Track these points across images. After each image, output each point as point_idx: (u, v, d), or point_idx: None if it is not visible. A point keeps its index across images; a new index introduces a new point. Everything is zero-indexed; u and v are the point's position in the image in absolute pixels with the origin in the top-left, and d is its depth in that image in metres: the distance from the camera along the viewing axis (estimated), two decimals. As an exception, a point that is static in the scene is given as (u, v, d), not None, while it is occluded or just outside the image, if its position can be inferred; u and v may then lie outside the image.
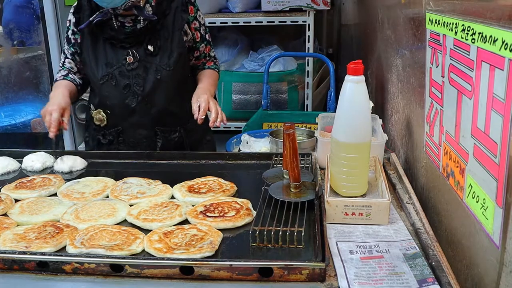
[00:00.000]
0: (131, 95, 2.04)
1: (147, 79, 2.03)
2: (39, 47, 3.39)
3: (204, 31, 2.18)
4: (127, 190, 1.59)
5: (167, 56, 2.04)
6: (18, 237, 1.32)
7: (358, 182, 1.47)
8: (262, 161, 1.81)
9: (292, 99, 3.17)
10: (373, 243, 1.27)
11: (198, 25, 2.14)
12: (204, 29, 2.18)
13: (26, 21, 3.60)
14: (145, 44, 2.03)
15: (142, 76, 2.03)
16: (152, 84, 2.03)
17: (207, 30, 2.20)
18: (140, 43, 2.02)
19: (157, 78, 2.03)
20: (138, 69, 2.03)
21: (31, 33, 3.45)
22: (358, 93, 1.39)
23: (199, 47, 2.17)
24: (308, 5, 2.95)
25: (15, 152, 1.98)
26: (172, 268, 1.13)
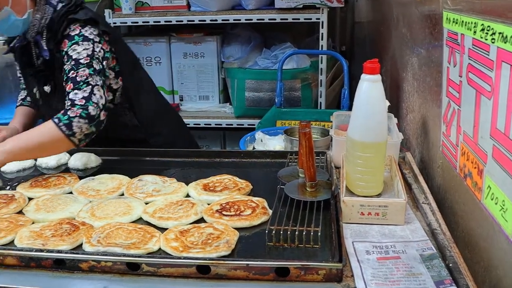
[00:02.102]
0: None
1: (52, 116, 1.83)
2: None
3: (71, 66, 1.81)
4: (142, 188, 1.60)
5: (61, 97, 1.85)
6: (34, 235, 1.33)
7: (374, 182, 1.46)
8: (277, 160, 1.80)
9: (305, 97, 3.16)
10: (390, 244, 1.26)
11: (66, 59, 1.84)
12: (74, 64, 1.81)
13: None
14: (42, 84, 1.97)
15: (48, 112, 1.94)
16: None
17: (78, 67, 1.80)
18: (39, 81, 1.98)
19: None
20: (44, 105, 2.03)
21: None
22: (375, 92, 1.38)
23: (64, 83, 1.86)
24: (321, 2, 2.94)
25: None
26: (188, 267, 1.13)
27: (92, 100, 1.75)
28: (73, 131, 1.70)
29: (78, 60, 1.81)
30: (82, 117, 1.71)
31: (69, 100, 1.76)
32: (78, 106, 1.73)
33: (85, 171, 1.84)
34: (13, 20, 1.82)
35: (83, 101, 1.74)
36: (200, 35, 3.34)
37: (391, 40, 2.42)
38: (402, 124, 2.08)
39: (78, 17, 1.87)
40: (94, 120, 1.74)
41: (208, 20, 3.16)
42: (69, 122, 1.70)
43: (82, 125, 1.71)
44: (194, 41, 3.35)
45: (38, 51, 1.95)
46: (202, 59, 3.36)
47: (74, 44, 1.84)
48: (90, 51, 1.83)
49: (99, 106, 1.77)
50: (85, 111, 1.72)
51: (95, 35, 1.88)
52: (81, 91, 1.76)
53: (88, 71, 1.80)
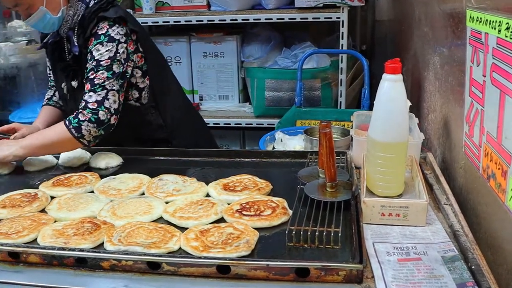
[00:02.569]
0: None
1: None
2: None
3: (92, 67, 1.87)
4: (162, 187, 1.61)
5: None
6: (57, 233, 1.34)
7: (395, 182, 1.45)
8: (297, 160, 1.80)
9: (325, 96, 3.15)
10: (411, 245, 1.25)
11: (89, 58, 1.90)
12: (95, 65, 1.87)
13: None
14: (70, 79, 2.02)
15: (73, 107, 2.02)
16: None
17: (97, 69, 1.86)
18: (67, 77, 2.03)
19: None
20: (71, 100, 2.07)
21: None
22: (396, 92, 1.37)
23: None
24: (342, 1, 2.92)
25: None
26: (209, 266, 1.14)
27: (104, 105, 1.82)
28: (82, 133, 1.81)
29: (99, 62, 1.86)
30: (91, 121, 1.81)
31: (83, 100, 1.84)
32: (89, 110, 1.82)
33: (106, 170, 1.86)
34: (48, 18, 1.89)
35: (95, 105, 1.82)
36: (220, 35, 3.35)
37: (412, 39, 2.40)
38: (423, 124, 2.05)
39: (107, 15, 1.91)
40: (103, 124, 1.82)
41: (228, 19, 3.16)
42: (78, 126, 1.80)
43: (91, 129, 1.82)
44: (214, 40, 3.36)
45: (69, 46, 2.00)
46: (222, 58, 3.37)
47: (98, 44, 1.88)
48: (112, 53, 1.87)
49: (111, 111, 1.84)
50: (94, 116, 1.81)
51: (121, 35, 1.91)
52: (95, 94, 1.83)
53: (107, 74, 1.85)
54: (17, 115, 3.69)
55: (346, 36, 2.99)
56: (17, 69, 3.69)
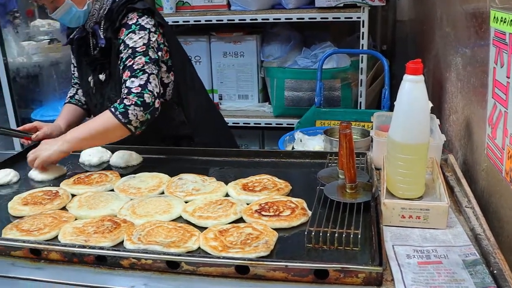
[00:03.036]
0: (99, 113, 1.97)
1: (104, 105, 2.05)
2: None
3: (128, 55, 1.87)
4: (182, 187, 1.61)
5: (114, 85, 1.99)
6: (77, 231, 1.36)
7: (415, 184, 1.43)
8: (317, 160, 1.80)
9: (345, 97, 3.13)
10: (431, 248, 1.24)
11: (123, 47, 1.90)
12: (130, 53, 1.87)
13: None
14: (97, 72, 2.04)
15: (100, 100, 2.08)
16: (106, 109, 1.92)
17: (134, 55, 1.87)
18: (95, 70, 2.05)
19: (109, 105, 1.91)
20: (97, 94, 2.09)
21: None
22: (417, 93, 1.36)
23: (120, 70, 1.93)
24: (362, 1, 2.90)
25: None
26: (227, 266, 1.14)
27: (148, 88, 1.82)
28: (129, 118, 1.78)
29: (135, 48, 1.87)
30: (137, 105, 1.78)
31: (125, 88, 1.83)
32: (133, 94, 1.80)
33: (126, 169, 1.88)
34: (74, 11, 1.92)
35: (139, 89, 1.81)
36: (240, 34, 3.35)
37: (434, 39, 2.38)
38: (445, 125, 2.03)
39: (136, 6, 1.93)
40: (149, 107, 1.80)
41: (248, 19, 3.16)
42: (125, 111, 1.77)
43: (137, 113, 1.79)
44: (234, 40, 3.36)
45: (95, 41, 2.02)
46: (241, 58, 3.37)
47: (131, 33, 1.90)
48: (146, 40, 1.89)
49: (154, 94, 1.83)
50: (140, 99, 1.79)
51: (151, 25, 1.93)
52: (137, 79, 1.83)
53: (144, 59, 1.86)
54: (39, 113, 3.75)
55: (367, 36, 2.97)
56: (39, 67, 3.74)
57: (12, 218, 1.52)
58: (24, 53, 3.72)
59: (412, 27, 3.28)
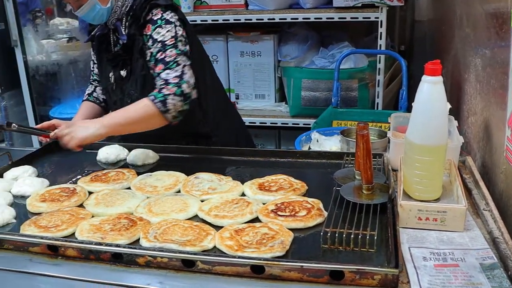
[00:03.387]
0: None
1: (124, 101, 2.06)
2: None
3: (158, 49, 1.90)
4: (198, 186, 1.62)
5: (135, 81, 2.01)
6: (94, 228, 1.37)
7: (433, 186, 1.42)
8: (333, 161, 1.79)
9: (362, 97, 3.11)
10: (448, 251, 1.23)
11: (151, 43, 1.92)
12: (160, 47, 1.90)
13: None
14: (119, 68, 2.05)
15: (119, 96, 2.09)
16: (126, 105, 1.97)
17: (165, 48, 1.89)
18: (116, 66, 2.06)
19: (128, 102, 1.99)
20: (117, 90, 2.09)
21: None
22: (436, 95, 1.35)
23: (150, 65, 1.94)
24: (381, 1, 2.88)
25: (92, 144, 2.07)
26: (243, 266, 1.14)
27: (184, 79, 1.84)
28: (167, 108, 1.80)
29: (164, 42, 1.90)
30: (177, 94, 1.81)
31: (161, 79, 1.85)
32: (172, 84, 1.82)
33: (143, 167, 1.89)
34: (98, 9, 1.94)
35: (176, 79, 1.83)
36: (257, 34, 3.35)
37: (453, 40, 2.36)
38: (463, 127, 2.01)
39: (159, 3, 1.95)
40: (188, 98, 1.84)
41: (266, 18, 3.16)
42: (164, 99, 1.80)
43: (177, 103, 1.81)
44: (251, 39, 3.36)
45: (116, 38, 2.05)
46: (258, 57, 3.37)
47: (158, 28, 1.91)
48: (173, 33, 1.91)
49: (191, 84, 1.86)
50: (179, 89, 1.82)
51: (175, 19, 1.95)
52: (172, 71, 1.85)
53: (175, 51, 1.89)
54: (57, 110, 3.79)
55: (385, 36, 2.95)
56: (58, 66, 3.78)
57: (30, 215, 1.54)
58: (43, 51, 3.76)
59: (431, 27, 3.25)
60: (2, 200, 1.59)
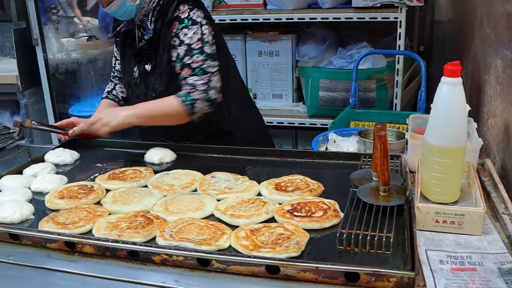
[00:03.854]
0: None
1: (147, 95, 2.10)
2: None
3: (185, 52, 1.97)
4: (215, 185, 1.62)
5: (160, 76, 2.05)
6: (111, 225, 1.38)
7: (450, 189, 1.41)
8: (350, 161, 1.78)
9: (380, 98, 3.09)
10: (465, 254, 1.21)
11: (178, 43, 1.98)
12: (187, 50, 1.97)
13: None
14: (144, 63, 2.08)
15: (143, 91, 2.12)
16: (150, 100, 2.06)
17: (191, 53, 1.96)
18: (141, 61, 2.09)
19: (153, 96, 2.07)
20: (141, 85, 2.13)
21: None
22: (455, 96, 1.33)
23: (175, 66, 2.00)
24: (400, 1, 2.86)
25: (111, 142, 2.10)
26: (258, 266, 1.14)
27: (211, 86, 1.97)
28: (194, 111, 1.95)
29: (190, 46, 1.96)
30: (205, 100, 1.95)
31: (188, 85, 1.96)
32: (200, 91, 1.95)
33: (160, 165, 1.90)
34: (128, 5, 1.98)
35: (204, 86, 1.94)
36: (275, 34, 3.35)
37: (473, 41, 2.33)
38: (482, 129, 1.99)
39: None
40: (214, 103, 1.98)
41: (284, 18, 3.15)
42: (192, 103, 1.93)
43: (204, 107, 1.96)
44: (269, 39, 3.35)
45: (140, 34, 2.08)
46: (276, 57, 3.36)
47: (184, 28, 1.97)
48: (199, 35, 1.96)
49: (218, 89, 1.97)
50: (207, 96, 1.95)
51: (201, 18, 1.99)
52: (199, 78, 1.96)
53: (202, 57, 1.97)
54: (76, 108, 3.82)
55: (404, 37, 2.92)
56: (77, 64, 3.81)
57: (48, 211, 1.56)
58: (63, 50, 3.80)
59: (451, 27, 3.22)
60: (21, 197, 1.61)
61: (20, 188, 1.68)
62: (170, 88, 2.00)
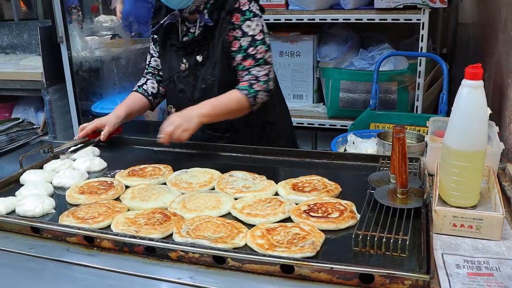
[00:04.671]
0: (185, 99, 2.11)
1: (196, 87, 2.09)
2: (154, 39, 3.55)
3: (249, 43, 1.99)
4: (232, 184, 1.63)
5: (212, 66, 2.04)
6: (129, 221, 1.40)
7: (469, 192, 1.40)
8: (368, 163, 1.78)
9: (401, 100, 3.07)
10: (482, 259, 1.20)
11: (240, 35, 1.99)
12: (251, 41, 1.99)
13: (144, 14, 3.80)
14: (195, 54, 2.06)
15: (192, 83, 2.10)
16: (200, 92, 2.07)
17: (255, 44, 1.99)
18: (192, 52, 2.07)
19: (203, 87, 2.06)
20: (189, 77, 2.11)
21: (147, 26, 3.62)
22: (476, 99, 1.32)
23: (235, 57, 2.01)
24: (423, 2, 2.84)
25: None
26: (273, 265, 1.15)
27: (270, 76, 2.03)
28: (256, 102, 1.99)
29: (254, 37, 2.00)
30: (265, 91, 2.00)
31: (251, 75, 1.99)
32: (262, 82, 1.99)
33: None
34: None
35: (265, 77, 2.00)
36: (296, 34, 3.34)
37: (497, 44, 2.30)
38: (504, 133, 1.97)
39: None
40: (270, 92, 2.04)
41: (306, 19, 3.15)
42: (255, 95, 1.97)
43: (263, 98, 2.01)
44: (291, 39, 3.35)
45: (185, 28, 2.08)
46: (298, 58, 3.36)
47: (247, 20, 1.99)
48: (261, 26, 2.02)
49: (273, 80, 2.05)
50: (268, 87, 2.01)
51: (258, 10, 2.03)
52: (262, 68, 2.00)
53: (264, 48, 2.02)
54: (99, 105, 3.87)
55: (426, 39, 2.90)
56: (101, 62, 3.86)
57: (69, 206, 1.58)
58: (87, 48, 3.85)
59: (474, 30, 3.18)
60: (44, 191, 1.64)
61: (42, 182, 1.72)
62: (223, 79, 2.02)
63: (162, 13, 2.12)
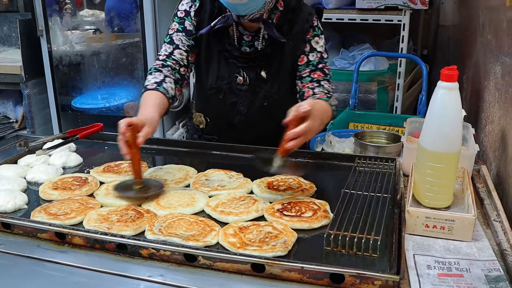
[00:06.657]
0: (235, 112, 1.97)
1: (254, 103, 1.95)
2: (136, 34, 3.53)
3: (318, 59, 1.92)
4: (208, 181, 1.62)
5: (278, 84, 1.93)
6: (101, 218, 1.38)
7: (443, 194, 1.41)
8: (344, 163, 1.77)
9: (381, 100, 3.09)
10: (453, 260, 1.21)
11: (309, 50, 1.91)
12: (320, 57, 1.92)
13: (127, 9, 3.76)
14: (258, 68, 1.91)
15: (249, 98, 1.95)
16: (258, 108, 1.95)
17: (324, 61, 1.94)
18: (253, 65, 1.91)
19: (264, 104, 1.94)
20: (247, 91, 1.94)
21: (130, 21, 3.60)
22: (450, 101, 1.33)
23: (301, 70, 1.92)
24: (404, 3, 2.86)
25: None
26: (243, 264, 1.14)
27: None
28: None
29: (321, 54, 1.95)
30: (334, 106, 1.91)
31: (324, 88, 1.89)
32: (333, 97, 1.93)
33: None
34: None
35: (332, 92, 1.94)
36: (278, 33, 3.34)
37: (475, 46, 2.32)
38: (480, 135, 1.99)
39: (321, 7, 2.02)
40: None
41: (288, 17, 3.15)
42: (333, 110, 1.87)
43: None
44: (273, 38, 3.34)
45: (238, 33, 1.91)
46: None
47: (316, 37, 1.94)
48: (324, 45, 1.97)
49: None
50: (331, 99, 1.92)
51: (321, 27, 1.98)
52: (330, 84, 1.94)
53: (328, 64, 1.98)
54: (79, 101, 3.84)
55: (407, 40, 2.92)
56: (81, 56, 3.82)
57: (42, 201, 1.56)
58: (67, 42, 3.81)
59: (454, 32, 3.21)
60: (16, 186, 1.61)
61: (16, 177, 1.69)
62: (287, 97, 1.93)
63: (206, 9, 1.91)
